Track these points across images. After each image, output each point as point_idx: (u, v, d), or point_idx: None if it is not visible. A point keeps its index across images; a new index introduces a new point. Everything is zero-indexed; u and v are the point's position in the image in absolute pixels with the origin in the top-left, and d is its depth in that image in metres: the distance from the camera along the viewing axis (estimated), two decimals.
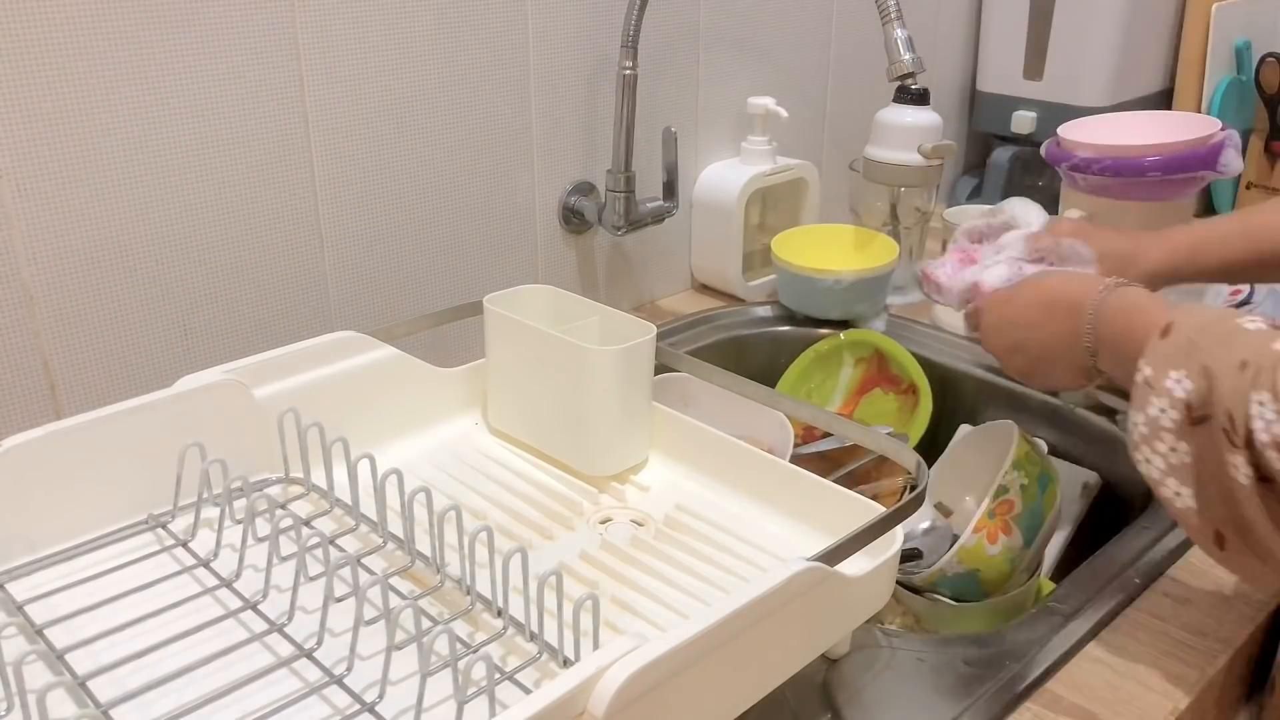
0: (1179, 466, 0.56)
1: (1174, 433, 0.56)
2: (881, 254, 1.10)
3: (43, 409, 0.77)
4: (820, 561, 0.52)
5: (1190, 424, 0.55)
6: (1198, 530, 0.57)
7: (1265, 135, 1.41)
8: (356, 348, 0.73)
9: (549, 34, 0.99)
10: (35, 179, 0.73)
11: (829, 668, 0.64)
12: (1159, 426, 0.56)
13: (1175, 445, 0.56)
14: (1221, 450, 0.53)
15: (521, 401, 0.76)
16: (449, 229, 0.97)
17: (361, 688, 0.52)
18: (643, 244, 1.16)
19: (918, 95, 1.10)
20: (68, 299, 0.76)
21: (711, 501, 0.70)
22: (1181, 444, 0.56)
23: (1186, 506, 0.56)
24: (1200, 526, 0.56)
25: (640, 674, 0.43)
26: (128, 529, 0.63)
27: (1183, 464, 0.56)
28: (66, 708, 0.50)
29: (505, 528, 0.67)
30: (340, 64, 0.86)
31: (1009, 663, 0.64)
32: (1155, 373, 0.57)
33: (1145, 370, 0.57)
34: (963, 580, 0.80)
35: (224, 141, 0.81)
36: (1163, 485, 0.57)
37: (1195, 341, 0.56)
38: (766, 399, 0.73)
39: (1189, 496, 0.56)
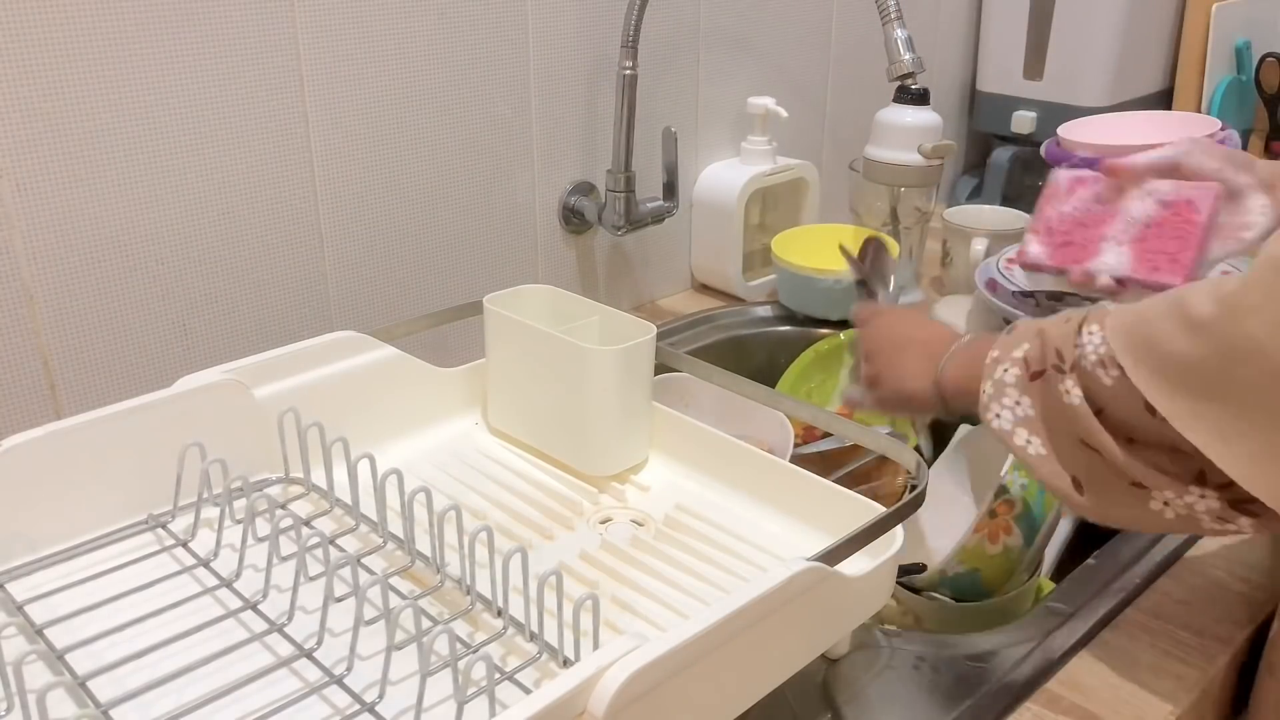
0: (1024, 418, 0.60)
1: (1016, 387, 0.60)
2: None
3: (43, 409, 0.77)
4: (820, 561, 0.52)
5: (1030, 379, 0.59)
6: (1053, 476, 0.59)
7: (1265, 135, 1.41)
8: (356, 348, 0.73)
9: (549, 34, 0.99)
10: (35, 179, 0.73)
11: (829, 668, 0.64)
12: (1003, 384, 0.61)
13: (1019, 399, 0.60)
14: (1054, 385, 0.58)
15: (521, 401, 0.76)
16: (449, 229, 0.97)
17: (361, 688, 0.52)
18: (643, 244, 1.16)
19: (918, 95, 1.10)
20: (68, 298, 0.76)
21: (711, 501, 0.70)
22: (1024, 398, 0.60)
23: (1038, 454, 0.59)
24: (1055, 473, 0.59)
25: (640, 674, 0.43)
26: (128, 529, 0.63)
27: (1027, 416, 0.60)
28: (66, 708, 0.50)
29: (505, 528, 0.67)
30: (340, 64, 0.86)
31: (1009, 663, 0.64)
32: (1001, 352, 0.62)
33: (994, 352, 0.62)
34: (963, 580, 0.80)
35: (224, 141, 0.81)
36: (1014, 436, 0.60)
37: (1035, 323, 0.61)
38: (766, 399, 0.73)
39: (1039, 444, 0.59)
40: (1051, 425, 0.59)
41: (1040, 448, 0.59)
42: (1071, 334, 0.58)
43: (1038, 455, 0.60)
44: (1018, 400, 0.60)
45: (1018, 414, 0.60)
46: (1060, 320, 0.59)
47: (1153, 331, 0.54)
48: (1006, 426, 0.60)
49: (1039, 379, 0.59)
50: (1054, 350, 0.58)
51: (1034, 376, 0.59)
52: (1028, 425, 0.60)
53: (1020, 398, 0.60)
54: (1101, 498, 0.58)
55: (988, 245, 1.13)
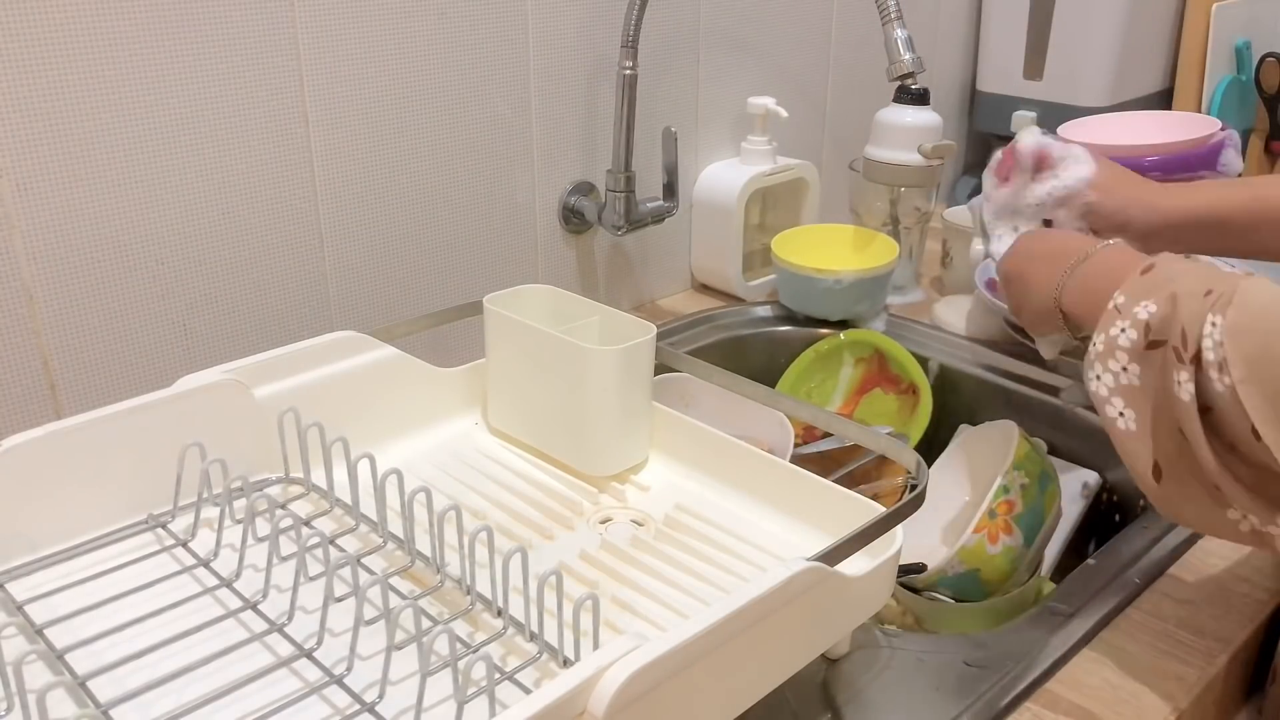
0: (1127, 388, 0.57)
1: (1129, 352, 0.57)
2: (881, 254, 1.11)
3: (43, 409, 0.77)
4: (820, 561, 0.52)
5: (1146, 347, 0.56)
6: (1136, 456, 0.57)
7: (1265, 135, 1.42)
8: (356, 348, 0.73)
9: (549, 34, 0.99)
10: (35, 179, 0.73)
11: (829, 668, 0.64)
12: (1115, 345, 0.57)
13: (1127, 365, 0.57)
14: (1170, 369, 0.54)
15: (521, 401, 0.76)
16: (449, 229, 0.97)
17: (361, 688, 0.52)
18: (643, 244, 1.16)
19: (918, 95, 1.10)
20: (68, 298, 0.76)
21: (711, 501, 0.70)
22: (1134, 365, 0.56)
23: (1128, 429, 0.57)
24: (1139, 453, 0.56)
25: (640, 674, 0.43)
26: (128, 529, 0.63)
27: (1131, 385, 0.56)
28: (66, 708, 0.50)
29: (505, 528, 0.67)
30: (340, 64, 0.86)
31: (1009, 663, 0.64)
32: (1128, 300, 0.58)
33: (1119, 299, 0.58)
34: (963, 580, 0.80)
35: (224, 141, 0.81)
36: (1109, 404, 0.57)
37: (1173, 277, 0.57)
38: (766, 399, 0.73)
39: (1131, 419, 0.57)
40: (1154, 403, 0.55)
41: (1132, 422, 0.56)
42: (1202, 315, 0.53)
43: (1127, 430, 0.56)
44: (1125, 366, 0.56)
45: (1120, 380, 0.57)
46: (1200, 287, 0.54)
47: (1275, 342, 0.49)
48: (1103, 392, 0.57)
49: (1157, 349, 0.55)
50: (1180, 329, 0.53)
51: (1151, 345, 0.55)
52: (1126, 395, 0.56)
53: (1129, 364, 0.56)
54: (1179, 491, 0.55)
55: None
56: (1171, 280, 0.56)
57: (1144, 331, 0.56)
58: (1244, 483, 0.52)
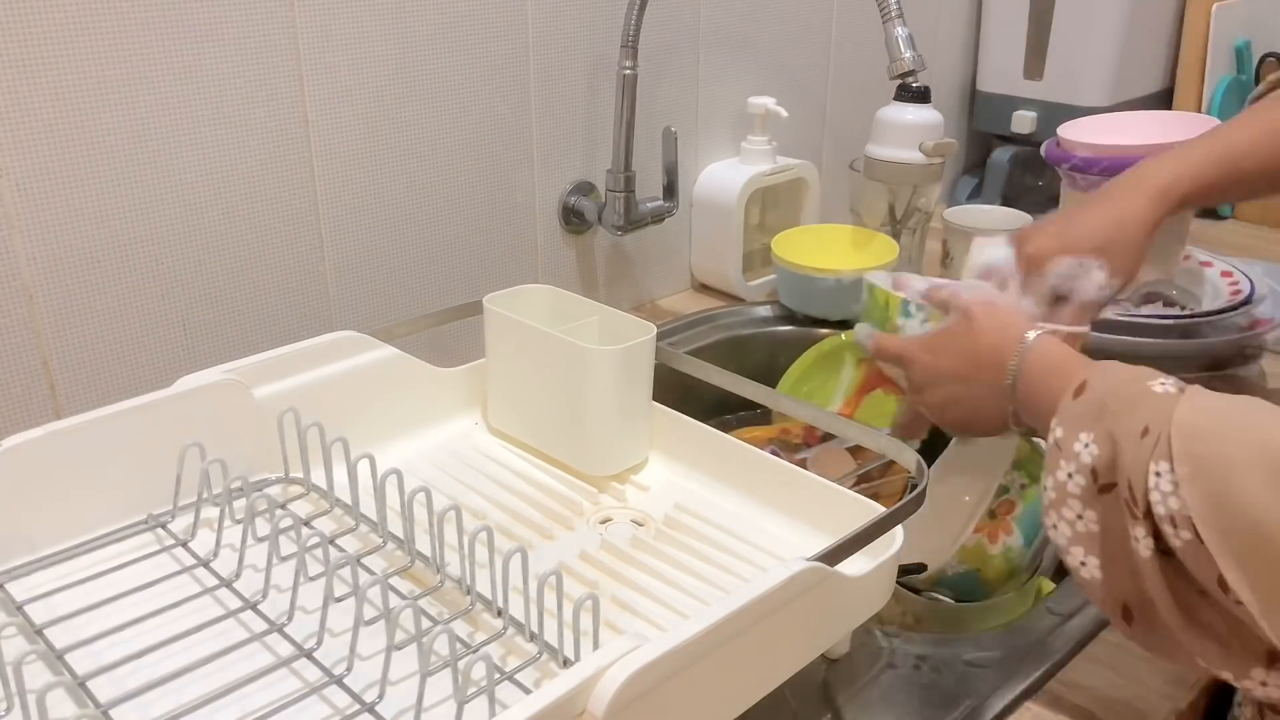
0: (1085, 535, 0.54)
1: (1080, 499, 0.54)
2: (881, 254, 1.10)
3: (43, 409, 0.77)
4: (820, 561, 0.52)
5: (1099, 491, 0.53)
6: (1104, 602, 0.54)
7: None
8: (356, 348, 0.73)
9: (549, 34, 0.99)
10: (35, 179, 0.73)
11: (829, 668, 0.64)
12: (1066, 492, 0.55)
13: (1081, 512, 0.54)
14: (1124, 520, 0.52)
15: (521, 401, 0.76)
16: (449, 229, 0.97)
17: (361, 688, 0.52)
18: (643, 244, 1.16)
19: (918, 93, 1.10)
20: (68, 299, 0.76)
21: (711, 501, 0.70)
22: (1088, 511, 0.54)
23: (1092, 577, 0.54)
24: (1106, 599, 0.54)
25: (640, 674, 0.43)
26: (128, 529, 0.63)
27: (1089, 532, 0.54)
28: (66, 708, 0.50)
29: (505, 528, 0.67)
30: (340, 64, 0.86)
31: (1009, 663, 0.64)
32: (1065, 434, 0.55)
33: (1057, 432, 0.56)
34: (963, 580, 0.80)
35: (224, 141, 0.81)
36: (1068, 554, 0.55)
37: (1105, 404, 0.54)
38: (766, 399, 0.73)
39: (1094, 567, 0.54)
40: (1110, 548, 0.53)
41: (1096, 570, 0.54)
42: (1145, 464, 0.50)
43: (1092, 578, 0.54)
44: (1079, 514, 0.54)
45: (1078, 529, 0.54)
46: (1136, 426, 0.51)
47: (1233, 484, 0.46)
48: (1062, 541, 0.55)
49: (1109, 492, 0.53)
50: (1127, 480, 0.51)
51: (1103, 490, 0.53)
52: (1085, 542, 0.54)
53: (1084, 510, 0.54)
54: (1152, 636, 0.53)
55: None
56: (1105, 409, 0.54)
57: (1091, 476, 0.53)
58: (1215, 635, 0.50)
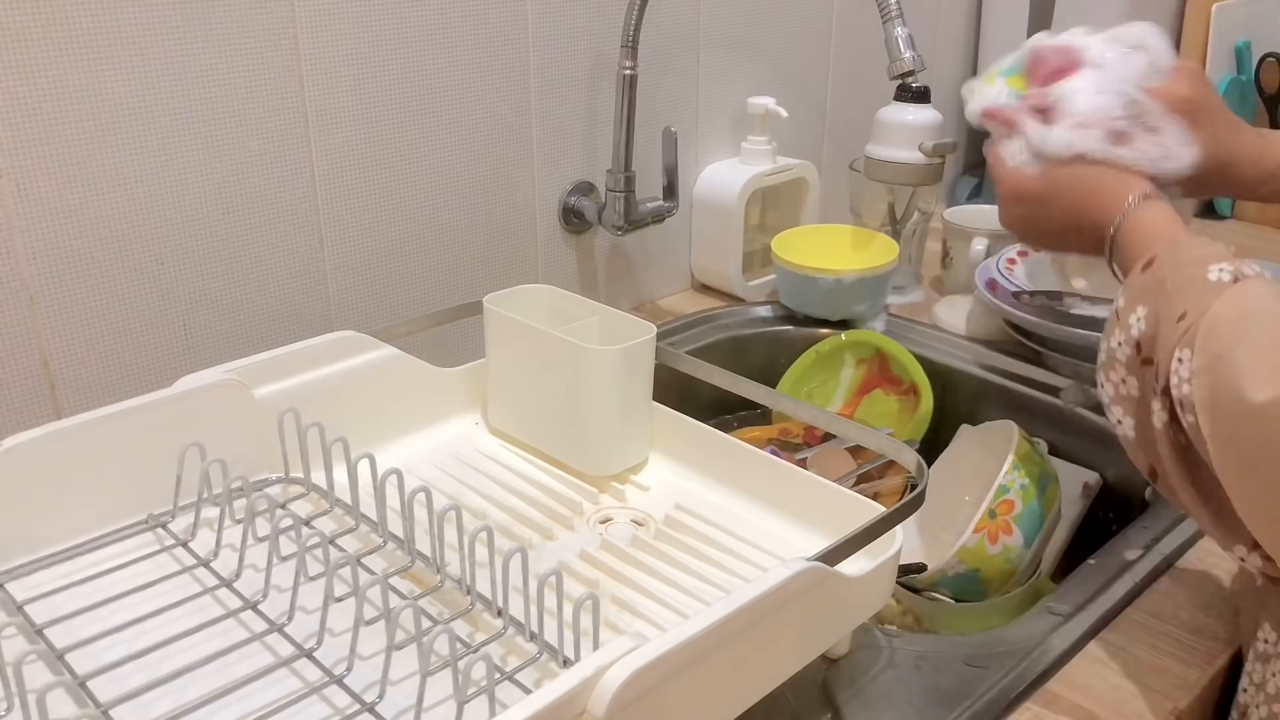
0: (1125, 398, 0.60)
1: (1125, 365, 0.59)
2: (881, 254, 1.10)
3: (43, 409, 0.77)
4: (820, 561, 0.52)
5: (1141, 363, 0.58)
6: (1135, 458, 0.60)
7: None
8: (356, 348, 0.73)
9: (549, 34, 0.99)
10: (35, 179, 0.73)
11: (829, 668, 0.64)
12: (1115, 358, 0.60)
13: (1125, 378, 0.59)
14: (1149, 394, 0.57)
15: (521, 401, 0.76)
16: (449, 229, 0.97)
17: (361, 688, 0.52)
18: (643, 244, 1.16)
19: (918, 93, 1.10)
20: (68, 299, 0.76)
21: (711, 501, 0.70)
22: (1130, 378, 0.59)
23: (1127, 436, 0.60)
24: (1137, 456, 0.60)
25: (640, 674, 0.43)
26: (128, 529, 0.63)
27: (1129, 396, 0.59)
28: (66, 708, 0.50)
29: (505, 528, 0.67)
30: (340, 64, 0.86)
31: (1009, 663, 0.64)
32: (1125, 305, 0.59)
33: (1119, 301, 0.60)
34: (963, 580, 0.80)
35: (224, 141, 0.81)
36: (1111, 410, 0.61)
37: (1163, 282, 0.57)
38: (766, 399, 0.73)
39: (1129, 427, 0.60)
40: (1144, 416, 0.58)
41: (1130, 430, 0.59)
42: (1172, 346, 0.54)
43: (1125, 437, 0.60)
44: (1124, 378, 0.59)
45: (1120, 391, 0.60)
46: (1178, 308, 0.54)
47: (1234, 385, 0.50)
48: (1106, 400, 0.61)
49: (1149, 366, 0.57)
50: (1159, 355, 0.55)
51: (1145, 362, 0.57)
52: (1125, 404, 0.59)
53: (1127, 376, 0.59)
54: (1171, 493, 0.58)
55: (988, 245, 1.13)
56: (1162, 287, 0.57)
57: (1135, 348, 0.58)
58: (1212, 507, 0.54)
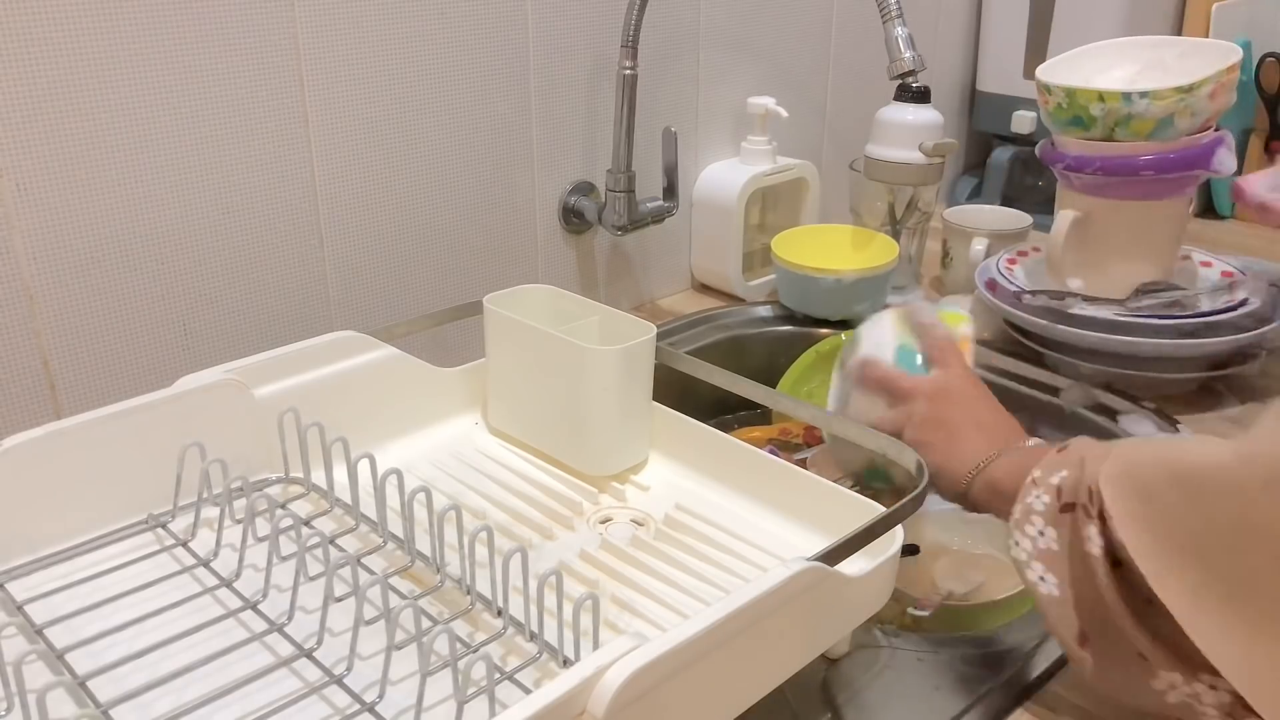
0: (1045, 552, 0.57)
1: (1043, 516, 0.57)
2: (881, 254, 1.10)
3: (43, 409, 0.77)
4: (820, 561, 0.52)
5: (1060, 510, 0.56)
6: (1060, 621, 0.56)
7: (1265, 135, 1.41)
8: (356, 348, 0.73)
9: (549, 34, 0.99)
10: (35, 179, 0.73)
11: (829, 668, 0.64)
12: (1030, 510, 0.58)
13: (1043, 530, 0.57)
14: (1080, 527, 0.54)
15: (521, 401, 0.76)
16: (449, 229, 0.97)
17: (361, 688, 0.52)
18: (643, 244, 1.16)
19: (919, 93, 1.10)
20: (68, 299, 0.76)
21: (711, 501, 0.70)
22: (1049, 529, 0.57)
23: (1050, 594, 0.56)
24: (1063, 617, 0.56)
25: (640, 674, 0.43)
26: (128, 529, 0.63)
27: (1049, 549, 0.57)
28: (66, 708, 0.50)
29: (505, 528, 0.67)
30: (340, 63, 0.86)
31: (1009, 663, 0.64)
32: (1043, 472, 0.58)
33: (1036, 473, 0.59)
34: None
35: (224, 141, 0.81)
36: (1029, 568, 0.57)
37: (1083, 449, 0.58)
38: (766, 399, 0.73)
39: (1053, 584, 0.56)
40: (1071, 566, 0.55)
41: (1054, 587, 0.56)
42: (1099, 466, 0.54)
43: (1049, 596, 0.56)
44: (1041, 530, 0.57)
45: (1039, 545, 0.57)
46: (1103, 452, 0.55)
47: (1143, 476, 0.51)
48: (1022, 557, 0.58)
49: (1070, 512, 0.55)
50: (1086, 487, 0.54)
51: (1065, 509, 0.56)
52: (1046, 560, 0.56)
53: (1045, 528, 0.57)
54: (1105, 658, 0.55)
55: (988, 245, 1.13)
56: (1082, 448, 0.58)
57: (1056, 495, 0.57)
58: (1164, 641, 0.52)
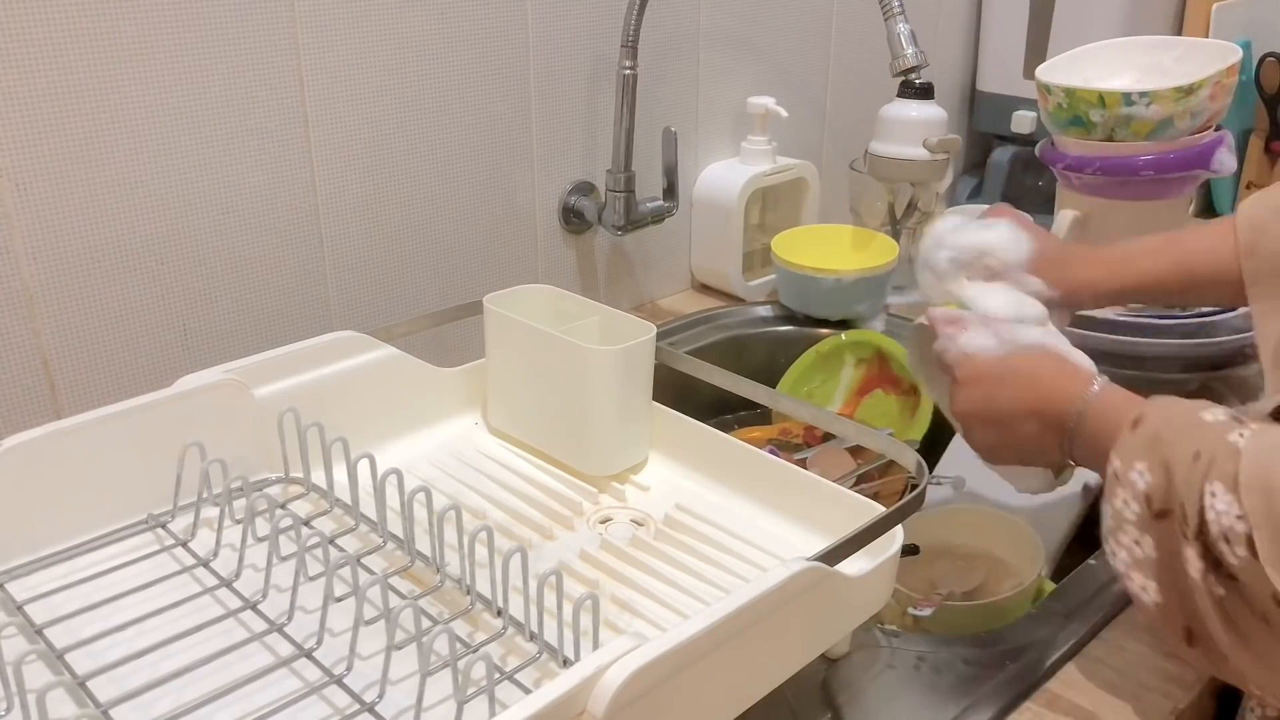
0: (1143, 560, 0.56)
1: (1137, 525, 0.56)
2: (881, 254, 1.10)
3: (43, 409, 0.77)
4: (820, 561, 0.52)
5: (1153, 518, 0.55)
6: (1165, 626, 0.56)
7: (1265, 135, 1.41)
8: (356, 348, 0.73)
9: (549, 34, 0.99)
10: (35, 179, 0.73)
11: (829, 668, 0.64)
12: (1123, 519, 0.56)
13: (1139, 539, 0.56)
14: (1178, 544, 0.53)
15: (521, 401, 0.76)
16: (449, 229, 0.97)
17: (361, 688, 0.52)
18: (643, 244, 1.16)
19: (922, 90, 1.10)
20: (68, 299, 0.76)
21: (711, 501, 0.70)
22: (1146, 537, 0.55)
23: (1153, 601, 0.56)
24: (1168, 622, 0.55)
25: (640, 674, 0.43)
26: (128, 529, 0.63)
27: (1147, 558, 0.55)
28: (66, 708, 0.50)
29: (505, 527, 0.67)
30: (340, 64, 0.86)
31: (1009, 663, 0.64)
32: (1123, 465, 0.57)
33: (1115, 463, 0.57)
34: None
35: (224, 141, 0.81)
36: (1129, 579, 0.57)
37: (1159, 434, 0.56)
38: (766, 399, 0.73)
39: (1154, 591, 0.56)
40: (1174, 571, 0.54)
41: (1155, 594, 0.55)
42: (1199, 485, 0.52)
43: (1152, 602, 0.56)
44: (1137, 540, 0.56)
45: (1135, 554, 0.56)
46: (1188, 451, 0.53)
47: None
48: (1122, 567, 0.57)
49: (1164, 519, 0.54)
50: (1179, 502, 0.53)
51: (1159, 516, 0.54)
52: (1144, 568, 0.55)
53: (1141, 536, 0.55)
54: (1212, 655, 0.54)
55: None
56: (1159, 439, 0.56)
57: (1145, 503, 0.55)
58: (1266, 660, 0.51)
